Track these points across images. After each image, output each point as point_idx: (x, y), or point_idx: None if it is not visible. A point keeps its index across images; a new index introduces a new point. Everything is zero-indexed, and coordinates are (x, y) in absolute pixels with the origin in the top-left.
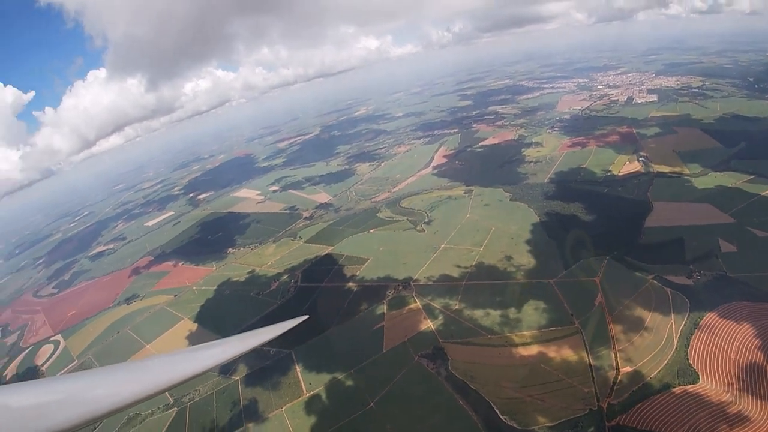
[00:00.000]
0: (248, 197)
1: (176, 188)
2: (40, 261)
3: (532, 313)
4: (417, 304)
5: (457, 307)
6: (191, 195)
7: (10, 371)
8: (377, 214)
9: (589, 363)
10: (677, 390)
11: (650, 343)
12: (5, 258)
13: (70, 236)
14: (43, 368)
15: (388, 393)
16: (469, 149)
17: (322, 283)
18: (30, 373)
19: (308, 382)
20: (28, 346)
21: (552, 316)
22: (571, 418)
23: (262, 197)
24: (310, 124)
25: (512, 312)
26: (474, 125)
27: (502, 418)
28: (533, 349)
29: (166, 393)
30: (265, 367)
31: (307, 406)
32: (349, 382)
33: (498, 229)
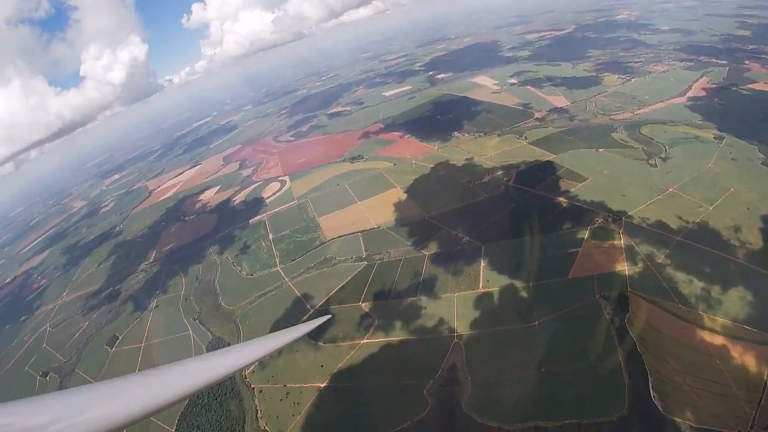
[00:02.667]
0: (485, 85)
1: (418, 64)
2: (284, 111)
3: (736, 301)
4: (621, 242)
5: (660, 261)
6: (430, 73)
7: (239, 198)
8: (612, 134)
9: (766, 384)
10: None
11: None
12: (255, 104)
13: (314, 93)
14: (267, 200)
15: (554, 319)
16: (734, 89)
17: (534, 189)
18: (256, 204)
19: (486, 279)
20: (259, 181)
21: (756, 313)
22: (715, 430)
23: (499, 88)
24: (565, 20)
25: (715, 291)
26: (747, 62)
27: (651, 393)
28: (718, 340)
29: (362, 248)
30: (454, 251)
31: (477, 300)
32: (524, 294)
33: (737, 192)
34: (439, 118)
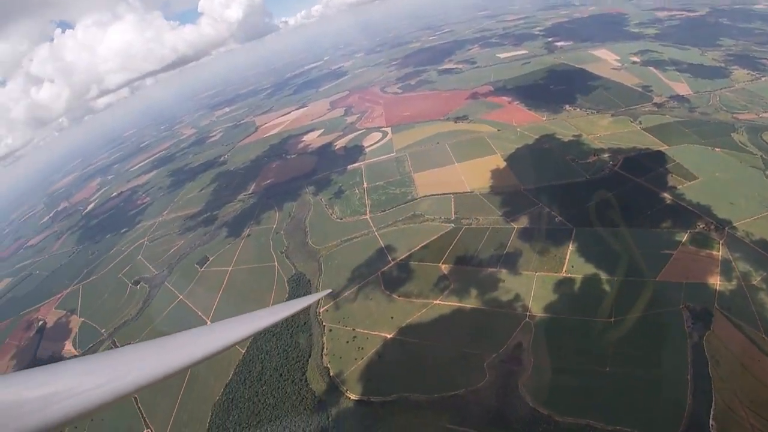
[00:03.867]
0: (605, 59)
1: (537, 28)
2: (395, 62)
3: None
4: (718, 253)
5: (755, 283)
6: (549, 39)
7: (340, 143)
8: (731, 134)
9: None
10: None
11: None
12: (366, 52)
13: (427, 48)
14: (367, 149)
15: (632, 319)
16: None
17: (639, 179)
18: (356, 151)
19: (572, 264)
20: (362, 129)
21: None
22: None
23: (619, 64)
24: (699, 2)
25: None
26: None
27: (711, 421)
28: None
29: (451, 210)
30: (544, 229)
31: (557, 285)
32: (606, 287)
33: None
34: (552, 89)
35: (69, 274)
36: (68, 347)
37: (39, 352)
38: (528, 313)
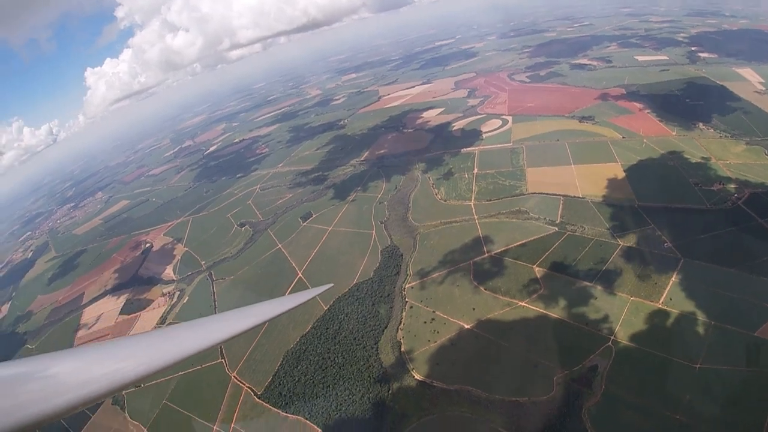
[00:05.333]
0: (749, 80)
1: (681, 35)
2: (527, 50)
3: None
4: None
5: None
6: (693, 48)
7: (458, 125)
8: None
9: None
10: None
11: None
12: (499, 36)
13: (562, 39)
14: (484, 135)
15: (719, 371)
16: None
17: (763, 219)
18: (473, 135)
19: (670, 297)
20: (482, 114)
21: None
22: None
23: (763, 88)
24: None
25: None
26: None
27: None
28: None
29: (558, 213)
30: (649, 252)
31: (650, 314)
32: (700, 329)
33: None
34: (688, 102)
35: (182, 205)
36: (168, 272)
37: (140, 271)
38: (612, 338)
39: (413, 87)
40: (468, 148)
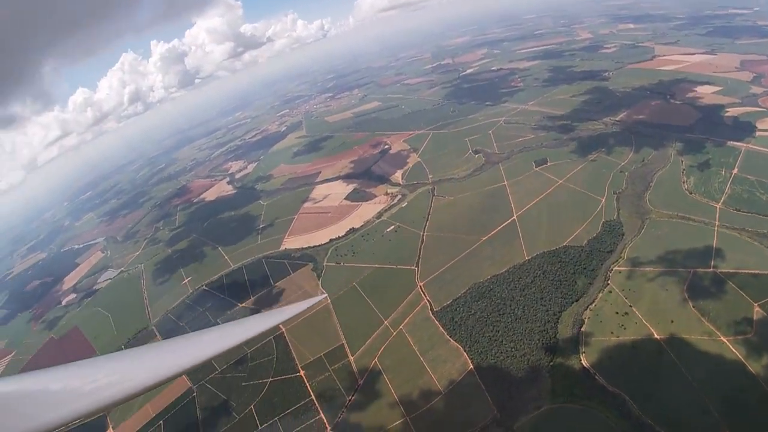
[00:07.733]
0: None
1: None
2: None
3: None
4: None
5: None
6: None
7: (732, 112)
8: None
9: None
10: None
11: None
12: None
13: None
14: (758, 133)
15: None
16: None
17: None
18: (745, 128)
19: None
20: (763, 108)
21: None
22: None
23: None
24: None
25: None
26: None
27: None
28: None
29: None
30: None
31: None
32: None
33: None
34: None
35: (427, 119)
36: (397, 175)
37: (373, 168)
38: None
39: (693, 54)
40: (736, 142)
